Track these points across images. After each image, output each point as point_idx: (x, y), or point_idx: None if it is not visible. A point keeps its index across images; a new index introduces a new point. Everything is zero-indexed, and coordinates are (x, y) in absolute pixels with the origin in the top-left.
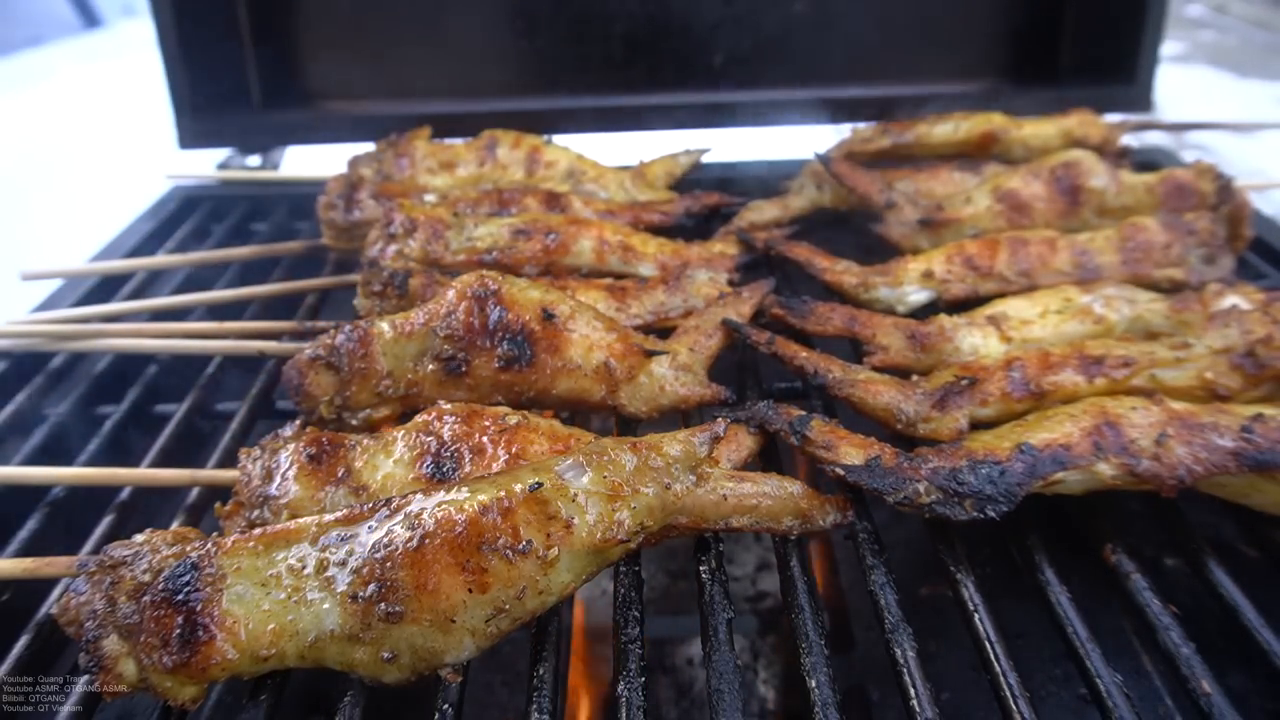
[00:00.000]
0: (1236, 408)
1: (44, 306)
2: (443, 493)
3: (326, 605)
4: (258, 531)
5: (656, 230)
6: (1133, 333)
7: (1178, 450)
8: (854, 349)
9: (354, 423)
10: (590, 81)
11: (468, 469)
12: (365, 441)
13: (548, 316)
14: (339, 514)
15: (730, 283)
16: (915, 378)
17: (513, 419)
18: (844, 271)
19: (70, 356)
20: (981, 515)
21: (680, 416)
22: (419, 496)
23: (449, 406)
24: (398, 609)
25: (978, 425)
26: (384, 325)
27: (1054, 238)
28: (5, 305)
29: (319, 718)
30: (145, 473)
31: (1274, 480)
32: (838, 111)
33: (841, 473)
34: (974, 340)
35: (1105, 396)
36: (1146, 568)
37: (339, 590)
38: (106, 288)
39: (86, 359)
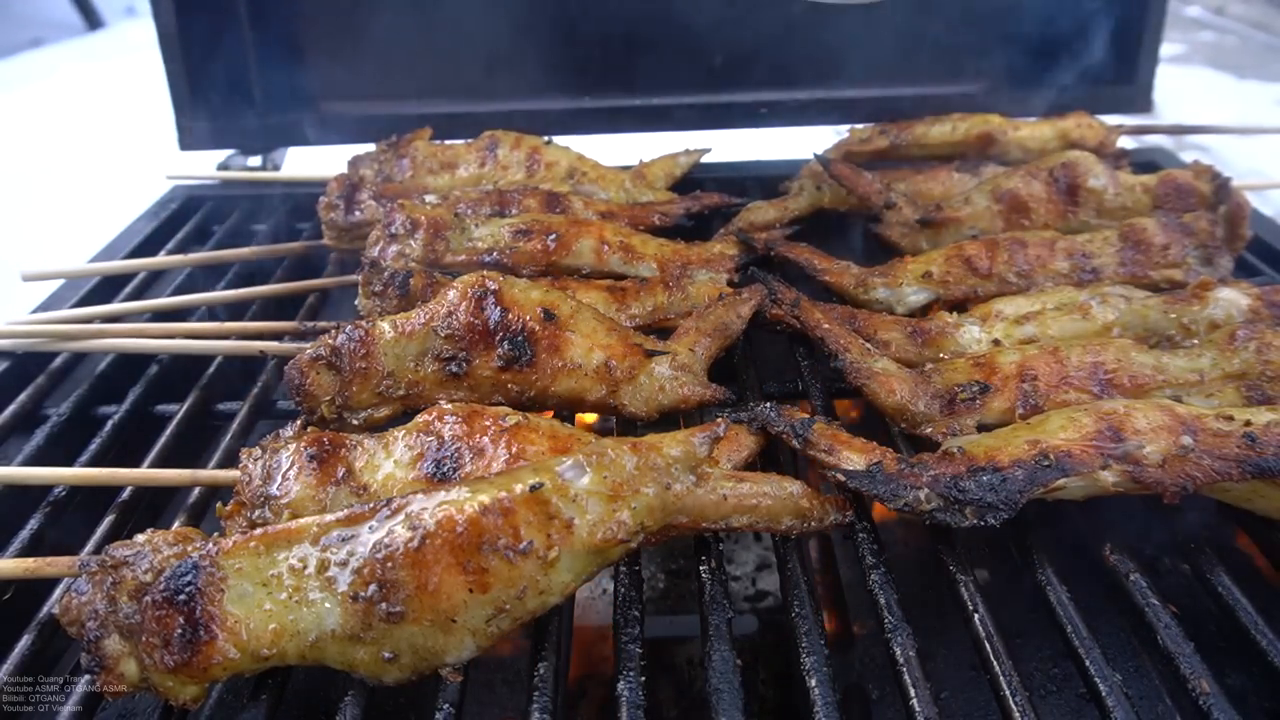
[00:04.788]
0: (1239, 411)
1: (45, 307)
2: (443, 493)
3: (327, 605)
4: (259, 531)
5: (656, 231)
6: (1131, 329)
7: (1181, 458)
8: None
9: (355, 423)
10: (590, 82)
11: (468, 469)
12: (366, 442)
13: (548, 317)
14: (340, 514)
15: (730, 283)
16: (929, 367)
17: (513, 419)
18: (843, 272)
19: (71, 356)
20: (982, 523)
21: (680, 417)
22: (420, 497)
23: (449, 406)
24: (399, 609)
25: (982, 427)
26: (385, 325)
27: (1053, 239)
28: (6, 305)
29: (319, 718)
30: (146, 473)
31: (1277, 487)
32: (837, 112)
33: (843, 478)
34: (974, 336)
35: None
36: (1146, 568)
37: (340, 590)
38: (107, 288)
39: (88, 359)
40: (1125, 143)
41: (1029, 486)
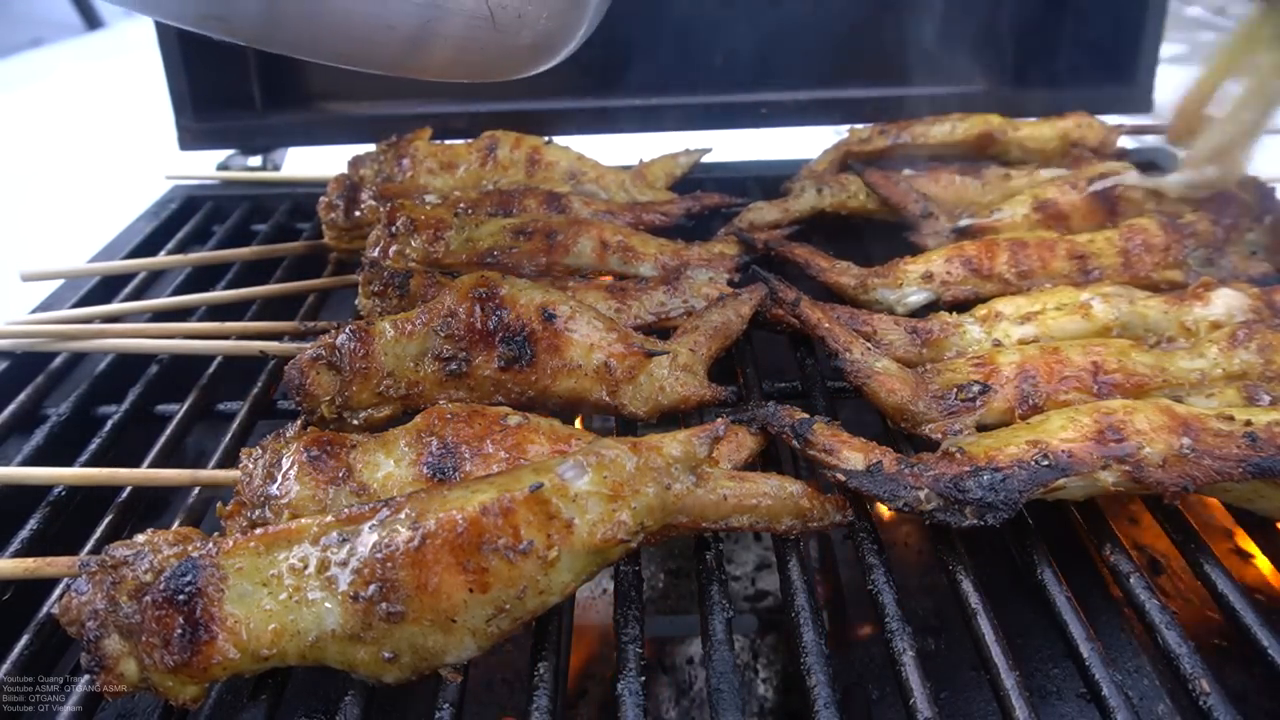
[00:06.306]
0: (1239, 411)
1: (44, 307)
2: (443, 493)
3: (327, 605)
4: (259, 531)
5: (656, 231)
6: (1132, 329)
7: (1181, 458)
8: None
9: (355, 423)
10: (590, 83)
11: (468, 469)
12: (366, 442)
13: (548, 317)
14: (340, 514)
15: (730, 283)
16: (928, 366)
17: (513, 419)
18: (843, 272)
19: (71, 356)
20: (982, 523)
21: (680, 417)
22: (420, 496)
23: (450, 406)
24: (399, 609)
25: (982, 427)
26: (385, 325)
27: (1054, 240)
28: (5, 305)
29: (319, 718)
30: (146, 473)
31: (1277, 487)
32: (837, 112)
33: (842, 478)
34: (974, 336)
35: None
36: (1146, 568)
37: (340, 590)
38: (107, 288)
39: (87, 359)
40: (1125, 143)
41: (1029, 486)
